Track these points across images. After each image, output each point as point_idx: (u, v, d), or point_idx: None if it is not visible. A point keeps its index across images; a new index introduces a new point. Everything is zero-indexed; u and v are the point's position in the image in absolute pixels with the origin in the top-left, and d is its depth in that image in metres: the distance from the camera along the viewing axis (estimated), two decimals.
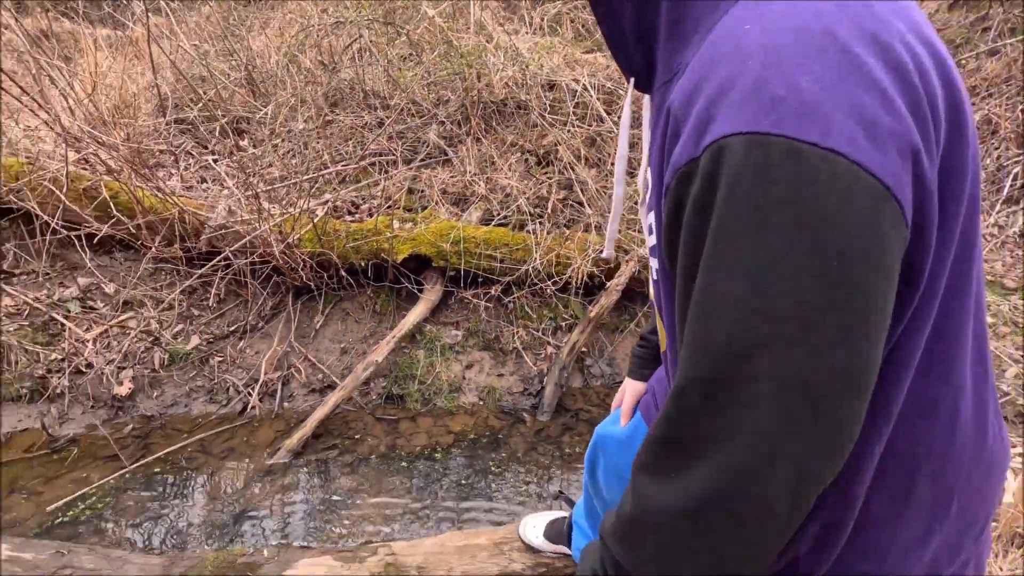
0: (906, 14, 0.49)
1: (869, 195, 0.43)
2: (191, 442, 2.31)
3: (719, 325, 0.47)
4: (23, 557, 1.67)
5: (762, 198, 0.43)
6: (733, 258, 0.45)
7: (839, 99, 0.43)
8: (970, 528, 0.63)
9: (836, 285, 0.43)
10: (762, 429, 0.46)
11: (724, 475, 0.47)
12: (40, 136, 3.17)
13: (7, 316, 2.60)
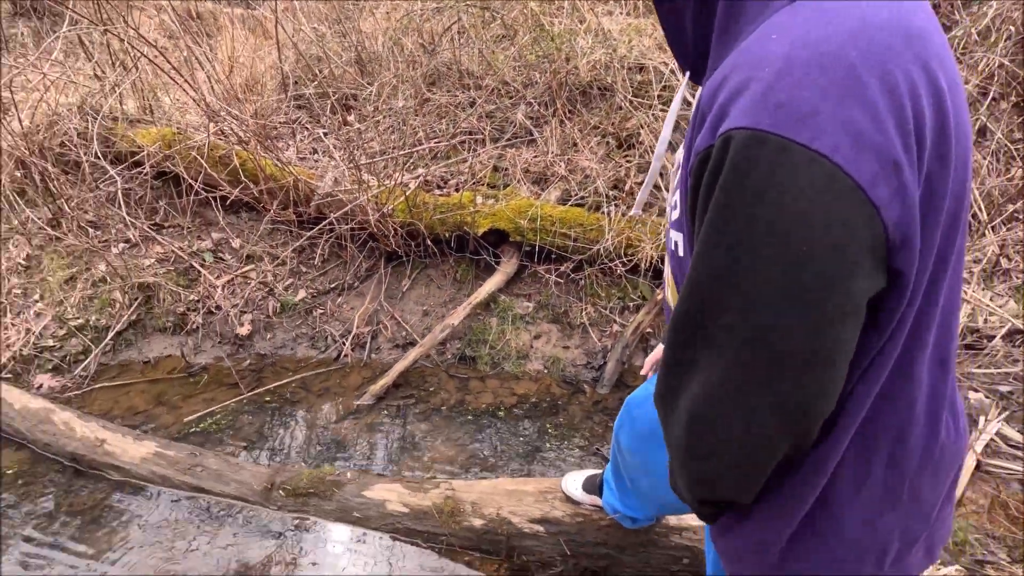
0: (919, 44, 0.54)
1: (844, 193, 0.49)
2: (294, 379, 2.70)
3: (701, 281, 0.57)
4: (167, 453, 2.09)
5: (751, 184, 0.51)
6: (721, 231, 0.54)
7: (833, 112, 0.49)
8: (921, 514, 0.70)
9: (801, 269, 0.51)
10: (722, 374, 0.56)
11: (696, 403, 0.59)
12: (187, 109, 3.69)
13: (157, 261, 3.12)
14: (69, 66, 3.46)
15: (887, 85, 0.51)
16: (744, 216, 0.52)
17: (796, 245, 0.51)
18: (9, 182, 3.19)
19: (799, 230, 0.50)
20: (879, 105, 0.50)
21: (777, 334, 0.53)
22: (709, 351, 0.58)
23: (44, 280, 3.02)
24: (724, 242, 0.54)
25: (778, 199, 0.50)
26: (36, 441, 2.23)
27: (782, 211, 0.50)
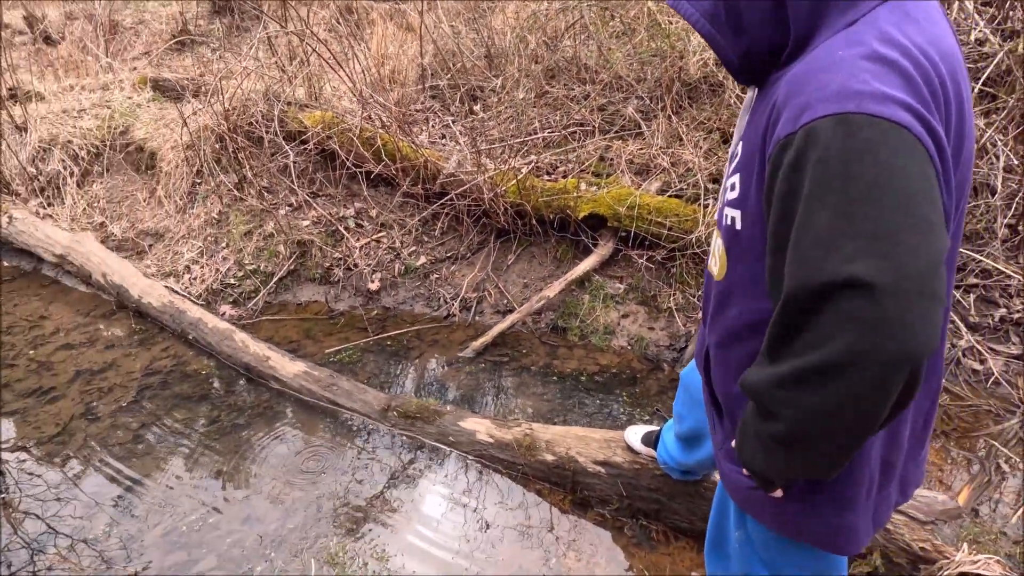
0: (951, 60, 0.70)
1: (919, 152, 0.63)
2: (411, 331, 3.18)
3: (811, 246, 0.64)
4: (312, 373, 2.64)
5: (848, 152, 0.62)
6: (825, 197, 0.64)
7: (901, 98, 0.64)
8: (897, 451, 0.89)
9: (906, 211, 0.61)
10: (863, 316, 0.61)
11: (831, 347, 0.63)
12: (344, 96, 4.33)
13: (312, 223, 3.77)
14: (262, 60, 4.22)
15: (931, 86, 0.68)
16: (847, 181, 0.63)
17: (898, 194, 0.62)
18: (210, 152, 4.01)
19: (898, 177, 0.62)
20: (927, 97, 0.66)
21: (901, 267, 0.60)
22: (831, 315, 0.64)
23: (229, 232, 3.78)
24: (830, 205, 0.64)
25: (875, 159, 0.62)
26: (221, 352, 2.90)
27: (880, 168, 0.62)
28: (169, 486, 2.13)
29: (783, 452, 0.74)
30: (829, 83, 0.67)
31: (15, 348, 3.04)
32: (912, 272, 0.60)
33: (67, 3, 7.68)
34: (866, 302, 0.60)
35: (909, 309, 0.60)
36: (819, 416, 0.67)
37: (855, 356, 0.62)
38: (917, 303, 0.60)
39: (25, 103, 4.65)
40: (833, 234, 0.63)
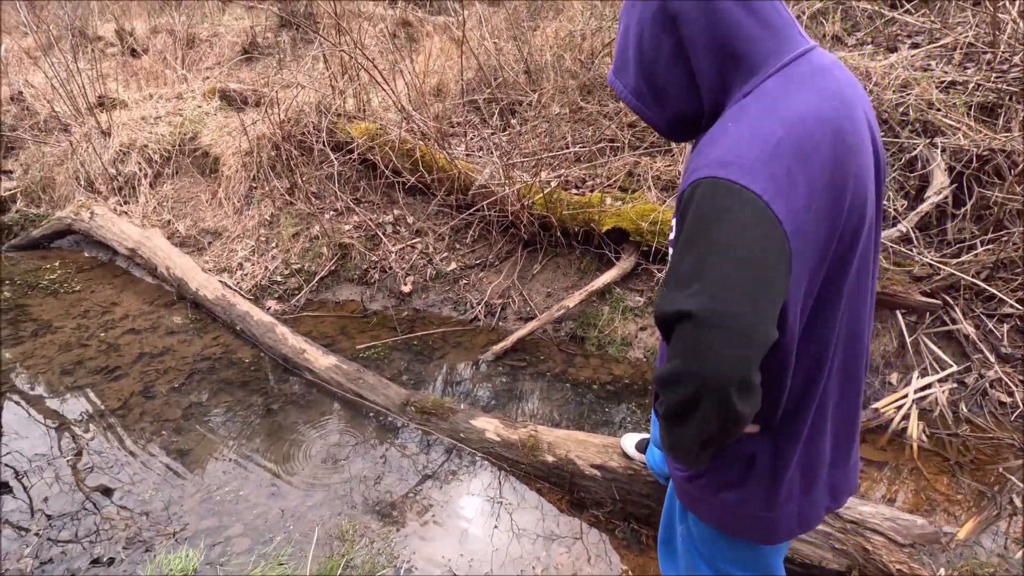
0: (834, 133, 0.79)
1: (768, 219, 0.74)
2: (437, 332, 3.36)
3: (675, 283, 0.79)
4: (342, 367, 2.85)
5: (711, 211, 0.76)
6: (689, 245, 0.77)
7: (764, 169, 0.75)
8: (821, 462, 0.99)
9: (745, 267, 0.74)
10: (689, 342, 0.76)
11: (673, 363, 0.79)
12: (388, 108, 4.59)
13: (353, 227, 4.02)
14: (316, 75, 4.55)
15: (801, 151, 0.78)
16: (705, 235, 0.77)
17: (742, 251, 0.75)
18: (266, 158, 4.34)
19: (745, 239, 0.75)
20: (792, 166, 0.77)
21: (727, 312, 0.74)
22: (679, 330, 0.79)
23: (279, 233, 4.09)
24: (691, 255, 0.78)
25: (732, 219, 0.75)
26: (263, 343, 3.16)
27: (733, 228, 0.75)
28: (208, 460, 2.37)
29: (664, 429, 0.88)
30: (713, 151, 0.80)
31: (89, 330, 3.42)
32: (733, 313, 0.74)
33: (153, 18, 8.40)
34: (693, 331, 0.75)
35: (725, 343, 0.74)
36: (672, 412, 0.83)
37: (681, 374, 0.77)
38: (731, 339, 0.74)
39: (110, 111, 5.17)
40: (689, 276, 0.77)
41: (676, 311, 0.76)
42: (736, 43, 0.83)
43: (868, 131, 0.88)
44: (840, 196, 0.81)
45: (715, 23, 0.82)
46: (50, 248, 4.72)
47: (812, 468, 0.98)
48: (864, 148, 0.85)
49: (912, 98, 3.04)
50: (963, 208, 2.93)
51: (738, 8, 0.82)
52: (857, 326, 0.94)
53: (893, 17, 3.76)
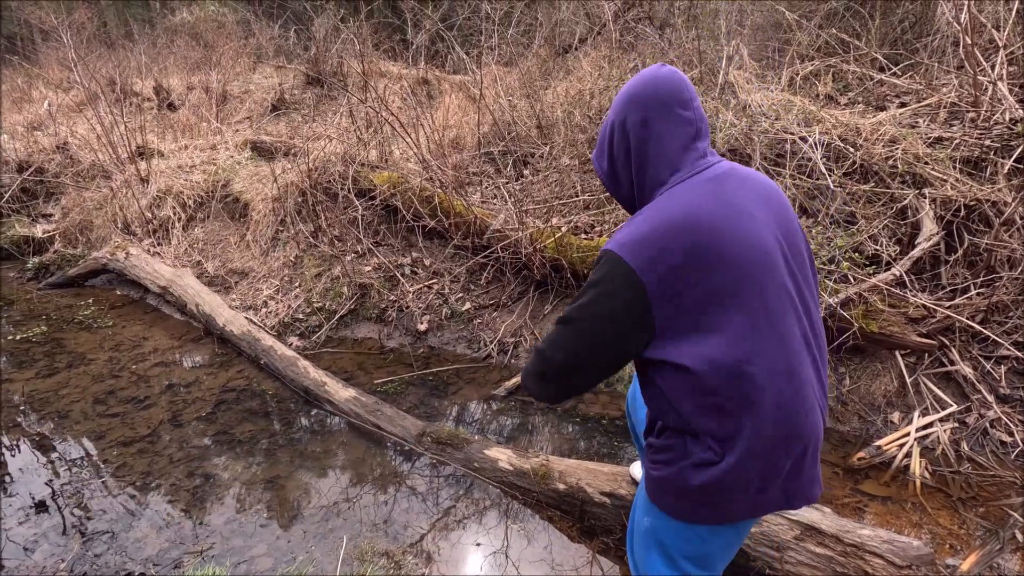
0: (694, 212, 1.10)
1: (633, 283, 1.08)
2: (451, 368, 3.49)
3: (565, 314, 1.19)
4: (361, 399, 2.98)
5: (600, 274, 1.12)
6: (582, 291, 1.16)
7: (642, 249, 1.08)
8: (775, 466, 1.13)
9: (600, 321, 1.12)
10: (539, 369, 1.22)
11: (534, 368, 1.24)
12: (409, 158, 4.89)
13: (373, 269, 4.23)
14: (342, 128, 4.88)
15: (670, 238, 1.08)
16: (582, 293, 1.15)
17: (602, 308, 1.12)
18: (293, 204, 4.62)
19: (605, 300, 1.11)
20: (661, 247, 1.08)
21: (561, 358, 1.19)
22: (540, 359, 1.23)
23: (303, 273, 4.30)
24: (580, 298, 1.16)
25: (608, 280, 1.11)
26: (285, 376, 3.31)
27: (604, 288, 1.11)
28: (233, 484, 2.48)
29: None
30: (622, 231, 1.15)
31: (120, 362, 3.58)
32: (557, 361, 1.19)
33: (189, 76, 9.01)
34: (537, 357, 1.24)
35: (542, 374, 1.23)
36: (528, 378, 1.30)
37: (526, 371, 1.30)
38: (547, 374, 1.22)
39: (149, 160, 5.53)
40: (568, 316, 1.18)
41: (542, 342, 1.24)
42: (664, 151, 1.21)
43: (763, 208, 1.15)
44: (710, 257, 1.08)
45: (647, 134, 1.21)
46: (84, 286, 4.97)
47: (767, 478, 1.12)
48: (745, 221, 1.11)
49: (900, 152, 3.25)
50: (955, 254, 3.08)
51: (663, 131, 1.19)
52: (786, 360, 1.10)
53: (881, 79, 4.04)
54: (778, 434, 1.09)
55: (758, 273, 1.09)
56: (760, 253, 1.09)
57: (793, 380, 1.10)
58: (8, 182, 6.31)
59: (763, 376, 1.07)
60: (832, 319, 2.91)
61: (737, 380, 1.07)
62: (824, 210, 3.28)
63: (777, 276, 1.10)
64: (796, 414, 1.10)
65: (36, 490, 2.44)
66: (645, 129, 1.18)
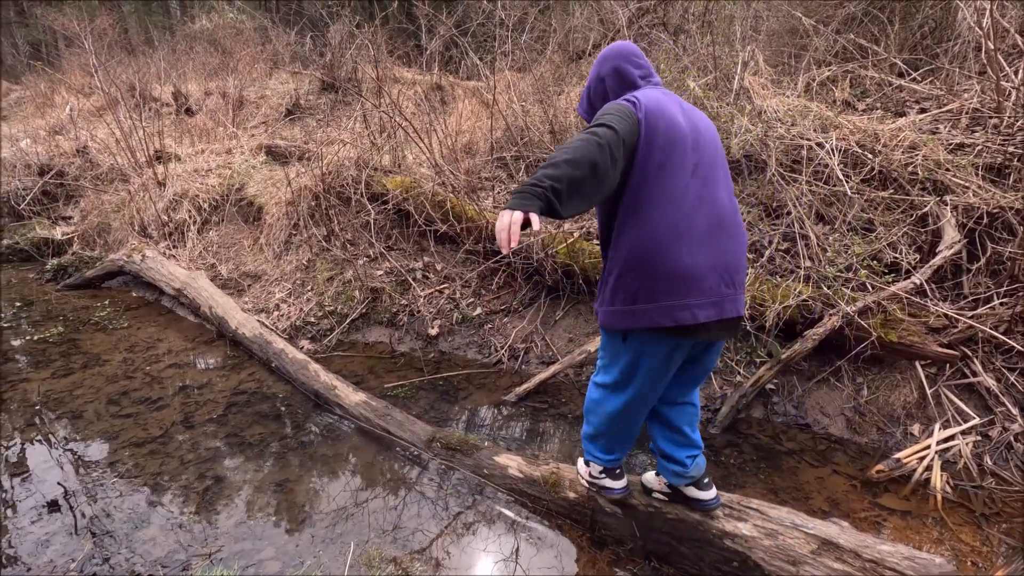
0: (665, 102, 1.65)
1: (631, 111, 1.58)
2: (462, 373, 3.47)
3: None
4: (371, 403, 2.97)
5: (616, 103, 1.63)
6: (601, 112, 1.61)
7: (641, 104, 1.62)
8: (700, 275, 1.62)
9: (613, 117, 1.55)
10: (587, 138, 1.48)
11: (581, 140, 1.49)
12: (422, 163, 4.90)
13: (385, 273, 4.24)
14: (356, 133, 4.91)
15: (654, 107, 1.62)
16: (609, 108, 1.62)
17: (621, 112, 1.58)
18: (306, 208, 4.64)
19: (621, 111, 1.58)
20: (651, 108, 1.62)
21: (607, 131, 1.52)
22: (590, 132, 1.52)
23: (315, 277, 4.32)
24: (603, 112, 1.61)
25: (619, 106, 1.61)
26: (296, 379, 3.31)
27: (620, 107, 1.60)
28: (242, 487, 2.48)
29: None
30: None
31: (134, 364, 3.61)
32: (599, 131, 1.50)
33: (207, 82, 9.14)
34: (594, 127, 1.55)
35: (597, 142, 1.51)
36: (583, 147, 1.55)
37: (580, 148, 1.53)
38: (598, 132, 1.50)
39: (166, 164, 5.60)
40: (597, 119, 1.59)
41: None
42: (628, 79, 1.79)
43: (687, 111, 1.71)
44: (662, 128, 1.59)
45: (617, 76, 1.80)
46: (101, 287, 5.03)
47: (666, 291, 1.59)
48: (681, 115, 1.65)
49: (920, 158, 3.19)
50: (977, 263, 3.01)
51: (626, 69, 1.79)
52: (705, 191, 1.63)
53: (901, 85, 3.98)
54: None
55: (677, 145, 1.61)
56: (681, 135, 1.62)
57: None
58: (29, 185, 6.43)
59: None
60: (850, 328, 2.85)
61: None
62: (841, 217, 3.23)
63: (686, 153, 1.62)
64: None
65: (49, 489, 2.45)
66: (615, 72, 1.79)
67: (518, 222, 1.34)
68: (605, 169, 1.44)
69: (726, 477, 2.57)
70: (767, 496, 2.40)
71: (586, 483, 2.11)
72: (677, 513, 2.02)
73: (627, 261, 1.60)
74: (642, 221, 1.57)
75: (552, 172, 1.38)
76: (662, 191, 1.56)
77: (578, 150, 1.41)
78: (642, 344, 1.67)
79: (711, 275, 1.59)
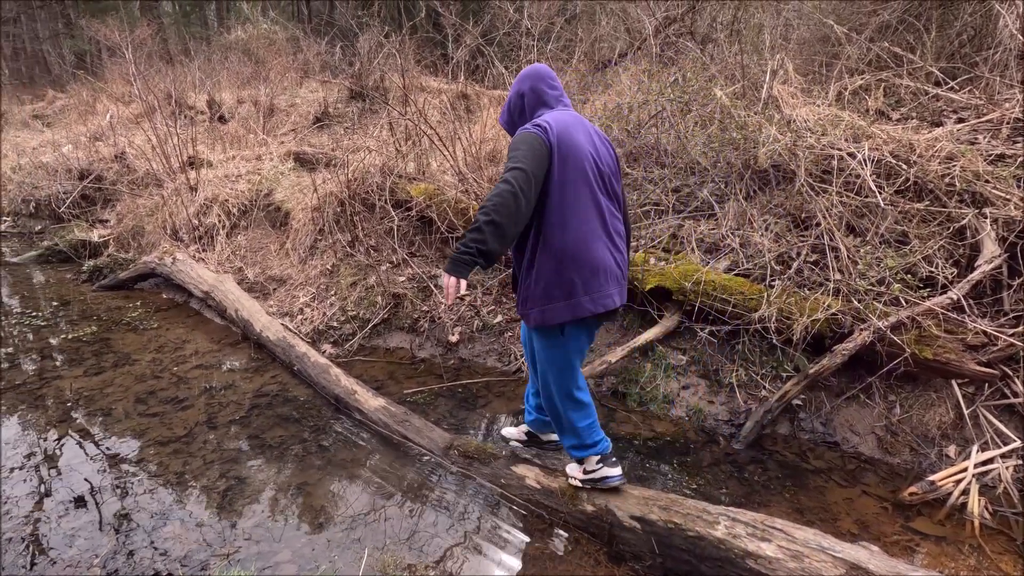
0: (571, 126, 1.95)
1: (542, 141, 1.86)
2: (481, 381, 3.46)
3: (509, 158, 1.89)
4: (390, 409, 2.98)
5: (524, 135, 1.89)
6: (513, 146, 1.89)
7: (549, 128, 1.90)
8: (593, 272, 1.95)
9: (525, 153, 1.84)
10: (503, 189, 1.78)
11: (498, 195, 1.79)
12: (446, 171, 4.94)
13: (407, 279, 4.26)
14: (383, 140, 4.97)
15: (561, 131, 1.93)
16: (520, 142, 1.88)
17: (528, 147, 1.85)
18: (331, 214, 4.71)
19: (530, 144, 1.86)
20: (561, 134, 1.92)
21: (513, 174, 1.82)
22: (504, 181, 1.82)
23: (338, 282, 4.37)
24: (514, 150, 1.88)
25: (531, 140, 1.87)
26: (317, 383, 3.34)
27: (529, 140, 1.87)
28: (262, 489, 2.50)
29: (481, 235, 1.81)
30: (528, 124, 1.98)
31: (162, 364, 3.70)
32: (512, 178, 1.79)
33: (240, 90, 9.39)
34: (509, 174, 1.82)
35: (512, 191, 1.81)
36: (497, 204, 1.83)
37: (495, 202, 1.81)
38: (511, 181, 1.80)
39: (199, 169, 5.75)
40: (511, 158, 1.85)
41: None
42: (543, 99, 2.06)
43: (591, 133, 2.02)
44: (572, 150, 1.91)
45: (535, 95, 2.06)
46: (134, 288, 5.18)
47: (594, 282, 1.94)
48: (585, 138, 1.96)
49: (958, 169, 3.08)
50: (1019, 278, 2.88)
51: (542, 89, 2.05)
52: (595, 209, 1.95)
53: (937, 94, 3.86)
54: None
55: (584, 164, 1.93)
56: (586, 155, 1.94)
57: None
58: (70, 189, 6.68)
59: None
60: (882, 343, 2.76)
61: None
62: (873, 229, 3.13)
63: (590, 171, 1.94)
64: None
65: (77, 485, 2.51)
66: (533, 91, 2.05)
67: (459, 288, 1.80)
68: (520, 212, 1.79)
69: (749, 494, 2.50)
70: (792, 516, 2.33)
71: (582, 482, 2.24)
72: (699, 531, 1.97)
73: (560, 261, 1.90)
74: (566, 227, 1.90)
75: (478, 236, 1.76)
76: (576, 201, 1.89)
77: (497, 209, 1.75)
78: (576, 331, 2.02)
79: (615, 269, 2.00)
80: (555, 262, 1.91)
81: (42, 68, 22.99)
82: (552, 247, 1.91)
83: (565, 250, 1.90)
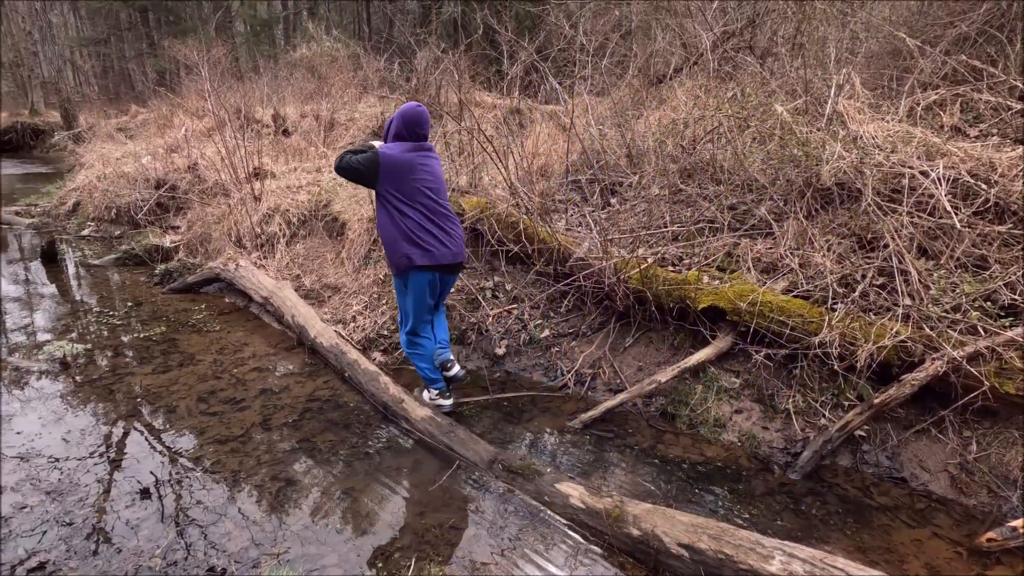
0: (410, 154, 2.99)
1: (378, 160, 2.88)
2: (526, 395, 3.45)
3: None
4: (436, 419, 3.00)
5: (370, 152, 2.94)
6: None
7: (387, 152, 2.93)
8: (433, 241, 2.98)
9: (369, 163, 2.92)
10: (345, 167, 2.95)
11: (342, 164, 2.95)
12: (497, 184, 4.99)
13: (455, 290, 4.31)
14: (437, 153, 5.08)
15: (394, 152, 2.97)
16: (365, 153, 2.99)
17: (364, 161, 2.93)
18: None
19: (368, 161, 2.92)
20: (396, 158, 2.94)
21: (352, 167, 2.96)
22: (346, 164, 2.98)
23: (390, 291, 4.46)
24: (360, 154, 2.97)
25: (371, 155, 2.93)
26: (366, 390, 3.42)
27: (368, 158, 2.93)
28: (311, 491, 2.56)
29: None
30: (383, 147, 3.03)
31: (223, 365, 3.87)
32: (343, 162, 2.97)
33: (303, 104, 9.83)
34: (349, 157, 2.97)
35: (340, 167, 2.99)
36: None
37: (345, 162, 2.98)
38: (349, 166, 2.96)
39: (263, 180, 6.04)
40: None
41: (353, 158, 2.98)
42: (400, 134, 3.03)
43: (417, 155, 2.98)
44: (403, 167, 2.94)
45: (398, 128, 3.02)
46: (200, 292, 5.46)
47: (425, 241, 2.93)
48: (411, 158, 2.95)
49: None
50: None
51: (402, 130, 3.01)
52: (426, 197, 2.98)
53: (1022, 110, 3.61)
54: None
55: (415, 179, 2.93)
56: (413, 167, 2.92)
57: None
58: (147, 197, 7.14)
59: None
60: (957, 375, 2.58)
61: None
62: (948, 252, 2.95)
63: (423, 184, 2.94)
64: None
65: (143, 477, 2.65)
66: (403, 128, 2.98)
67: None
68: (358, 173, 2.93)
69: (806, 528, 2.37)
70: (854, 555, 2.19)
71: (427, 402, 3.22)
72: (751, 564, 1.88)
73: (403, 235, 2.93)
74: (403, 216, 2.91)
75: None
76: (409, 201, 2.92)
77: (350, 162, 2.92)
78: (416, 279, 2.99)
79: (440, 243, 2.96)
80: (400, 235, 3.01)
81: (127, 85, 24.79)
82: (397, 226, 2.98)
83: (402, 230, 2.97)
